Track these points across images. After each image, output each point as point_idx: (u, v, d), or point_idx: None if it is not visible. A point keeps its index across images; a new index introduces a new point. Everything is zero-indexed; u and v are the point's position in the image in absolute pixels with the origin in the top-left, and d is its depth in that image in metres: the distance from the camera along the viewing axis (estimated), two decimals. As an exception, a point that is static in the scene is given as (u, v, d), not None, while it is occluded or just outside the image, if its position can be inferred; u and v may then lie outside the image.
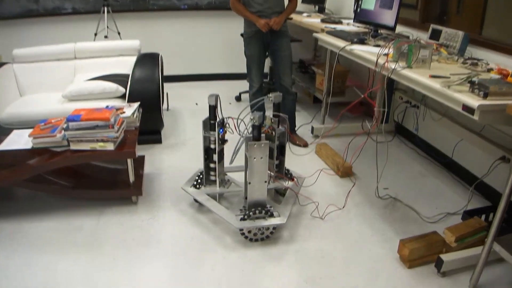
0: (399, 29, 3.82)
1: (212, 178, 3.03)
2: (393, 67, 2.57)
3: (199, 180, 3.06)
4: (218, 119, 2.81)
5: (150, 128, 3.98)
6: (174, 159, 3.79)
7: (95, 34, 5.34)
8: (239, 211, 2.76)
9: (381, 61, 2.73)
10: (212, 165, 2.98)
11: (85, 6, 5.56)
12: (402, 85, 4.07)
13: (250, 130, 2.63)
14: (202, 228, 2.83)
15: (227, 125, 2.88)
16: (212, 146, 2.90)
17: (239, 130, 2.75)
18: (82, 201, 3.05)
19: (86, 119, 2.69)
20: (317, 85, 4.88)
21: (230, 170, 3.18)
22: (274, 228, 2.71)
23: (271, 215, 2.68)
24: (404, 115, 4.20)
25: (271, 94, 2.88)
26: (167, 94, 4.97)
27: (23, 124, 3.41)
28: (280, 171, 3.08)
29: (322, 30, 4.13)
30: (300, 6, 5.73)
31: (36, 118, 3.34)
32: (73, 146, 2.77)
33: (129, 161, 2.93)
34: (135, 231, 2.77)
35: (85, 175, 3.20)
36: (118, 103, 3.70)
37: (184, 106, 5.17)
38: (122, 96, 3.88)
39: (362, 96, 3.14)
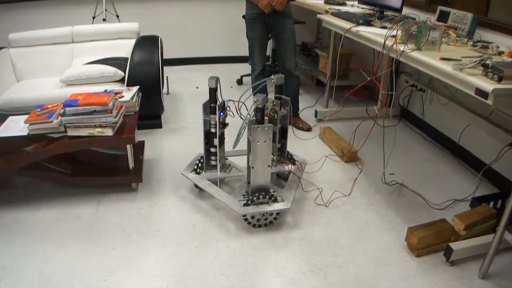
0: (405, 11, 3.71)
1: (213, 163, 2.95)
2: (401, 49, 2.48)
3: (199, 165, 2.98)
4: (218, 102, 2.74)
5: (150, 112, 3.90)
6: (175, 144, 3.71)
7: (93, 17, 5.21)
8: (242, 197, 2.69)
9: (389, 43, 2.63)
10: (212, 150, 2.90)
11: (82, -12, 5.43)
12: (408, 68, 3.98)
13: (252, 113, 2.54)
14: (204, 215, 2.76)
15: (228, 108, 2.81)
16: (213, 130, 2.83)
17: (240, 113, 2.68)
18: (81, 189, 2.98)
19: (83, 104, 2.60)
20: (320, 68, 4.78)
21: (231, 154, 3.11)
22: (277, 214, 2.65)
23: (275, 200, 2.61)
24: (410, 99, 4.11)
25: (273, 76, 2.81)
26: (167, 77, 4.90)
27: (20, 110, 3.32)
28: (282, 155, 3.01)
29: (326, 12, 4.03)
30: (302, -13, 5.64)
31: (33, 103, 3.25)
32: (70, 132, 2.68)
33: (128, 147, 2.85)
34: (135, 219, 2.70)
35: (83, 162, 3.13)
36: (117, 87, 3.62)
37: (185, 90, 5.08)
38: (121, 80, 3.80)
39: (369, 79, 3.05)
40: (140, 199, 2.91)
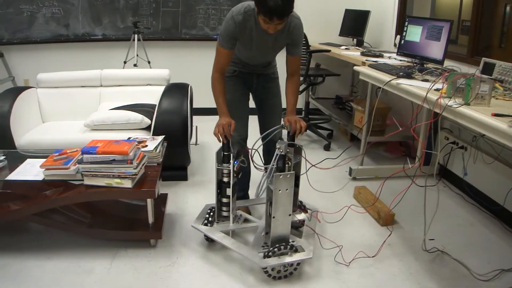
0: (446, 63, 3.50)
1: (225, 214, 2.81)
2: (448, 103, 2.27)
3: (209, 218, 2.81)
4: (231, 150, 2.67)
5: (176, 163, 3.73)
6: (199, 198, 3.49)
7: (125, 62, 5.21)
8: (261, 248, 2.55)
9: (433, 96, 2.42)
10: (224, 200, 2.76)
11: (115, 33, 5.46)
12: (447, 124, 3.75)
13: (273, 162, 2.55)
14: (228, 278, 2.52)
15: (241, 156, 2.79)
16: (225, 179, 2.71)
17: (253, 162, 2.74)
18: (96, 240, 2.80)
19: (102, 152, 2.44)
20: (355, 123, 4.57)
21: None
22: (298, 264, 2.50)
23: (296, 250, 2.50)
24: (449, 157, 3.84)
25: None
26: (196, 127, 4.75)
27: (41, 152, 3.20)
28: (294, 203, 2.83)
29: (363, 64, 3.86)
30: (338, 39, 5.58)
31: (54, 146, 3.18)
32: (87, 181, 2.52)
33: (149, 201, 2.66)
34: (150, 280, 2.47)
35: (101, 210, 2.94)
36: (142, 135, 3.48)
37: (214, 141, 4.85)
38: (147, 128, 3.66)
39: (401, 129, 2.84)
40: (158, 256, 2.69)
